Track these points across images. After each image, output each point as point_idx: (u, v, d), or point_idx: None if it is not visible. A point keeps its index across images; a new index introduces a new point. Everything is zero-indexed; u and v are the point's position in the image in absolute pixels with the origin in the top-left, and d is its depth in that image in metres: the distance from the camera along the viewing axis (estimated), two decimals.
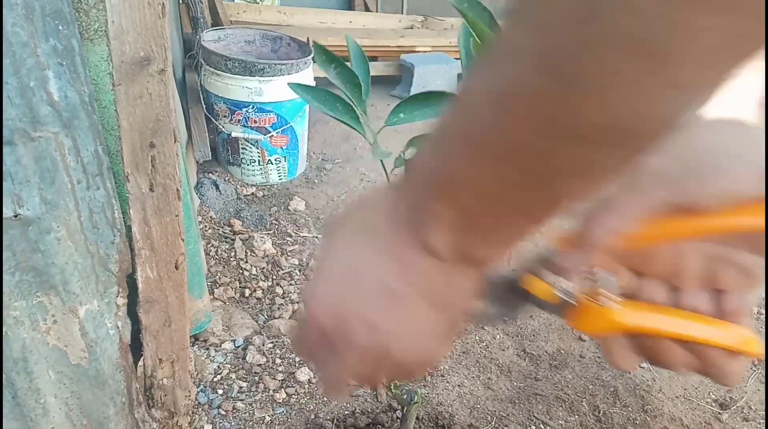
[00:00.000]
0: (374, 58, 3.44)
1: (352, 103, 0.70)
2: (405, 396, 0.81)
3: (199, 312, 1.30)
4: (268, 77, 2.13)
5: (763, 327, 1.66)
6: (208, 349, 1.38)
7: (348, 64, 0.77)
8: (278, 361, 1.37)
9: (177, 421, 1.07)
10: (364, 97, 0.70)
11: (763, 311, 1.72)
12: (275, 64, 2.14)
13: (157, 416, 1.04)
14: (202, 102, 2.26)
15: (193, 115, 2.30)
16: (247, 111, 2.19)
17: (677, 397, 1.39)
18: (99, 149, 0.84)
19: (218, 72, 2.15)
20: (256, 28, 2.55)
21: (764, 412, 1.37)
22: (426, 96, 0.71)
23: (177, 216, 0.92)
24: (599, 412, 1.30)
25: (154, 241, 0.92)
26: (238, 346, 1.41)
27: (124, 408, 1.00)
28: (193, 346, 1.38)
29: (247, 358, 1.36)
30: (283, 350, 1.41)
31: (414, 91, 3.34)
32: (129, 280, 0.94)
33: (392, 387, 0.79)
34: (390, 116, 0.73)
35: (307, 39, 2.36)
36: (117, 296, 0.93)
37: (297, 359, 1.38)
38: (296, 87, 0.80)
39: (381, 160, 0.70)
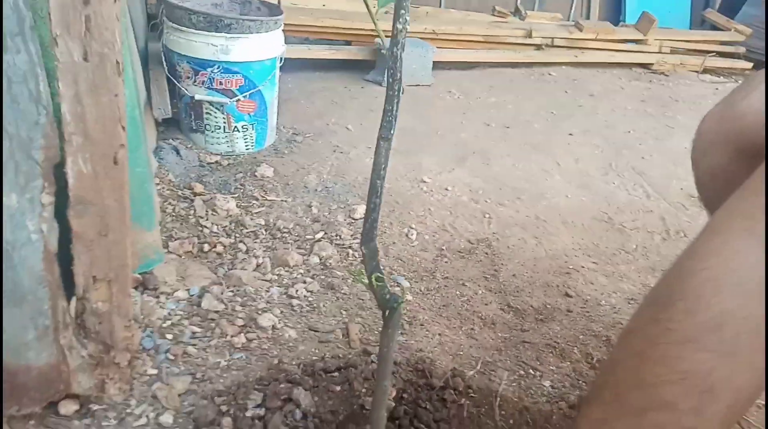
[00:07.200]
0: (348, 42, 3.39)
1: None
2: (388, 297, 0.68)
3: (147, 247, 1.14)
4: (236, 34, 2.00)
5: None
6: (158, 297, 1.23)
7: (320, 46, 0.64)
8: (238, 308, 1.22)
9: (114, 357, 0.91)
10: None
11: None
12: (243, 20, 2.01)
13: (89, 347, 0.88)
14: (164, 63, 2.12)
15: (154, 76, 2.15)
16: (212, 71, 2.05)
17: None
18: (20, 1, 0.70)
19: (182, 28, 2.01)
20: None
21: None
22: None
23: (117, 96, 0.78)
24: (592, 359, 1.18)
25: (89, 125, 0.78)
26: (193, 295, 1.25)
27: (47, 333, 0.84)
28: (142, 293, 1.22)
29: (202, 305, 1.20)
30: (245, 298, 1.26)
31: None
32: (57, 173, 0.79)
33: (374, 281, 0.66)
34: None
35: (278, 1, 2.24)
36: (42, 192, 0.78)
37: (260, 306, 1.23)
38: None
39: None
